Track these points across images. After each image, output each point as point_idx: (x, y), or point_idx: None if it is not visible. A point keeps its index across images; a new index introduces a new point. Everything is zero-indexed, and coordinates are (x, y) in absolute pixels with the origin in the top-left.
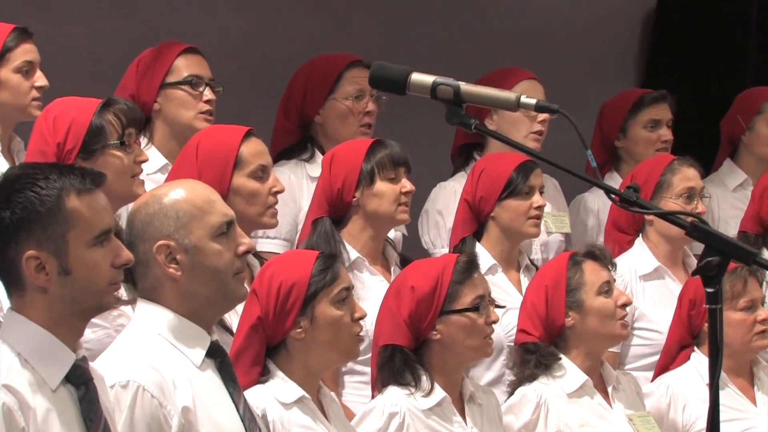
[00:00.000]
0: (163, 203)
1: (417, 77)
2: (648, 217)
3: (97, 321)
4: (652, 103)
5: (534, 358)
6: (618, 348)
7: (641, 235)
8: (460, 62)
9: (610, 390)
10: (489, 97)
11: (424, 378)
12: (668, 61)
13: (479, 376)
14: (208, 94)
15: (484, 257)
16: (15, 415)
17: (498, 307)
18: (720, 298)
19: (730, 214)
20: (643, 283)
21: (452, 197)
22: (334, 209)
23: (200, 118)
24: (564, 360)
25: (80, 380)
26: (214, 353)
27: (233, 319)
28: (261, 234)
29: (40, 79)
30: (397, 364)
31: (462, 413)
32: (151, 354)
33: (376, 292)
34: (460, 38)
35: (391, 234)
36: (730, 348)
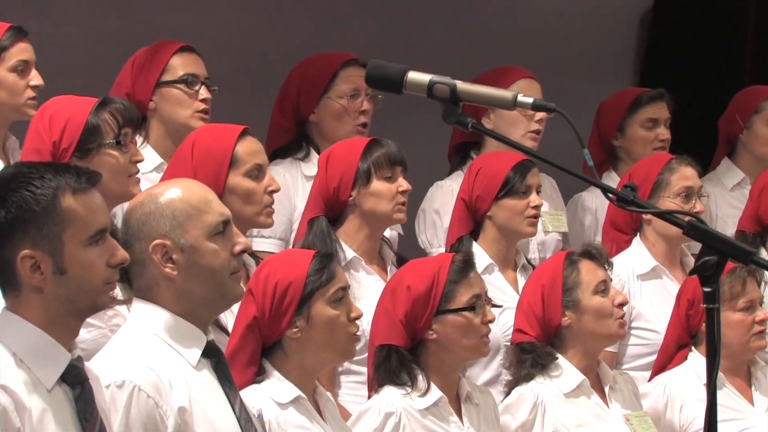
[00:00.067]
0: (159, 202)
1: (413, 76)
2: (646, 217)
3: (93, 321)
4: (649, 102)
5: (530, 358)
6: (615, 348)
7: (639, 235)
8: (459, 62)
9: (607, 390)
10: (486, 96)
11: (420, 378)
12: (666, 60)
13: (476, 375)
14: (203, 92)
15: (480, 256)
16: (10, 416)
17: (495, 306)
18: (717, 298)
19: (727, 213)
20: (641, 283)
21: (449, 196)
22: (330, 208)
23: (196, 117)
24: (561, 360)
25: (76, 380)
26: (210, 353)
27: (229, 319)
28: (256, 233)
29: (35, 78)
30: (393, 364)
31: (459, 413)
32: (147, 354)
33: (373, 292)
34: (458, 38)
35: (386, 233)
36: (728, 348)
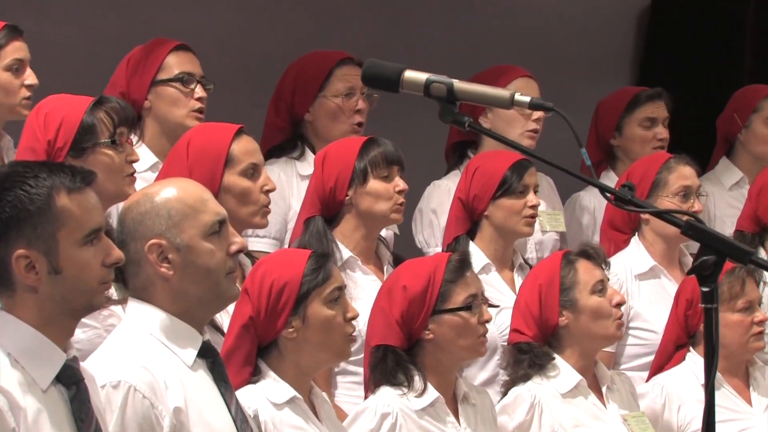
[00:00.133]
0: (155, 202)
1: (410, 74)
2: (644, 216)
3: (88, 321)
4: (647, 101)
5: (527, 358)
6: (613, 348)
7: (637, 234)
8: (459, 62)
9: (604, 390)
10: (483, 95)
11: (416, 378)
12: (664, 59)
13: (473, 376)
14: (199, 91)
15: (477, 256)
16: (5, 416)
17: (492, 306)
18: (716, 298)
19: (726, 212)
20: (639, 283)
21: (446, 196)
22: (326, 208)
23: (191, 115)
24: (558, 360)
25: (71, 380)
26: (206, 353)
27: (224, 319)
28: (250, 233)
29: (30, 78)
30: (390, 364)
31: (455, 413)
32: (142, 354)
33: (369, 292)
34: (458, 38)
35: (383, 233)
36: (726, 349)
